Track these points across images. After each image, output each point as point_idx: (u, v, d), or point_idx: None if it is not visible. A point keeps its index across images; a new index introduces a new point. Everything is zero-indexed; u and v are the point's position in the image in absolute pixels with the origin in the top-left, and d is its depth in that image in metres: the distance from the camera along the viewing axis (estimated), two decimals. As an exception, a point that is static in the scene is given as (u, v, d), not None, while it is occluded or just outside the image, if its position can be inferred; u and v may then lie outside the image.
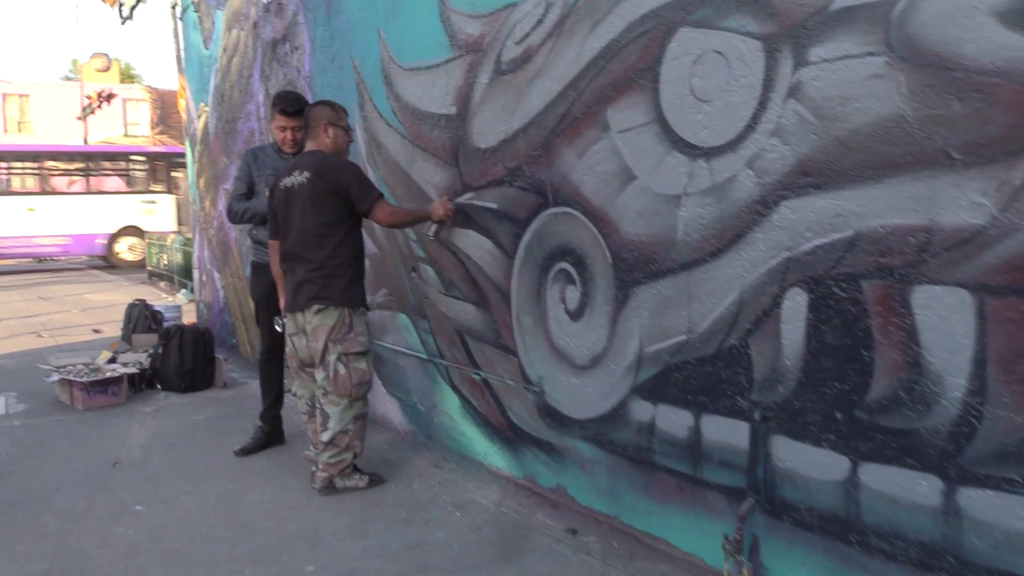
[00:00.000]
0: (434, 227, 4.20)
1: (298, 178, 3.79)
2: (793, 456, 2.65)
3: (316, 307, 3.78)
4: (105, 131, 43.36)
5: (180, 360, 6.28)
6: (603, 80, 3.23)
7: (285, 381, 4.89)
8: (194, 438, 5.05)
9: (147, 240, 18.15)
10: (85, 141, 35.84)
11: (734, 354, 2.81)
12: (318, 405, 3.88)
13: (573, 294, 3.50)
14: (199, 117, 8.69)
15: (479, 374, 4.17)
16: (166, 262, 15.87)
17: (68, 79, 53.55)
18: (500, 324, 3.98)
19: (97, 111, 35.18)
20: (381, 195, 3.84)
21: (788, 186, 2.58)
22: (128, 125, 45.50)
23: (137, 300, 8.29)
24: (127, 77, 55.07)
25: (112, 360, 6.75)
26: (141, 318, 8.07)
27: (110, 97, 33.45)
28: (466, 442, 4.39)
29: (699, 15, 2.83)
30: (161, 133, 41.90)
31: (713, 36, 2.79)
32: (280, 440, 4.83)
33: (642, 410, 3.20)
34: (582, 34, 3.32)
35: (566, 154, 3.44)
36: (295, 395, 4.08)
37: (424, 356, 4.67)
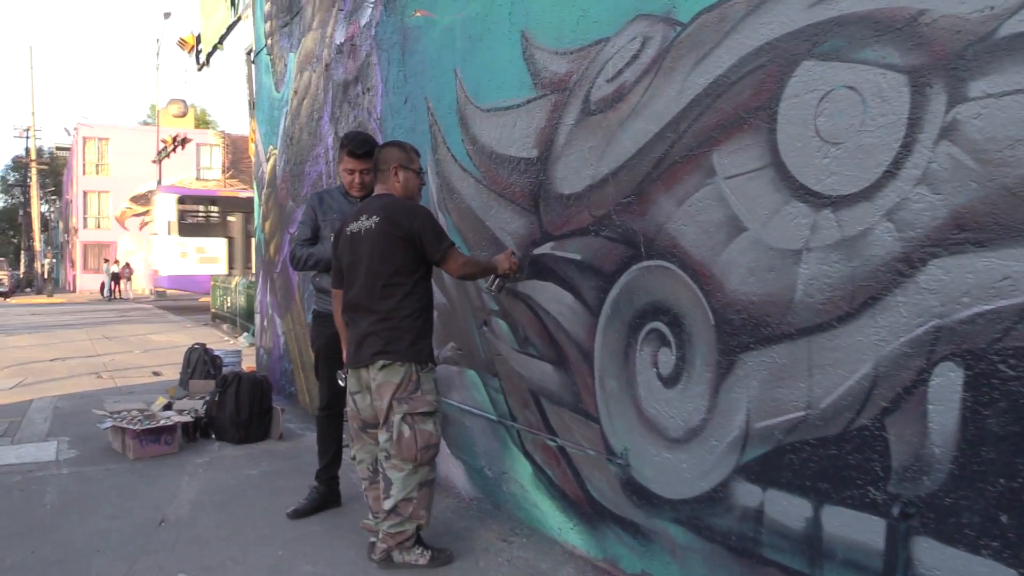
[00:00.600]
0: (497, 280, 3.87)
1: (365, 223, 3.51)
2: (943, 563, 2.21)
3: (381, 362, 3.45)
4: (178, 174, 44.51)
5: (236, 409, 6.02)
6: (708, 120, 2.90)
7: (344, 437, 4.58)
8: (246, 496, 4.75)
9: (212, 283, 18.24)
10: (159, 184, 36.71)
11: (866, 436, 2.40)
12: (380, 470, 3.53)
13: (667, 358, 3.12)
14: (267, 160, 8.58)
15: (555, 440, 3.80)
16: (229, 305, 15.87)
17: (146, 124, 55.28)
18: (580, 387, 3.61)
19: (172, 155, 36.02)
20: (453, 244, 3.55)
21: (939, 242, 2.19)
22: (201, 169, 46.66)
23: (197, 344, 8.13)
24: (202, 123, 56.70)
25: (168, 407, 6.54)
26: (200, 363, 7.89)
27: (184, 141, 34.19)
28: (539, 515, 4.01)
29: (827, 47, 2.48)
30: (232, 177, 42.80)
31: (844, 70, 2.43)
32: (336, 502, 4.50)
33: (748, 494, 2.80)
34: (684, 70, 2.99)
35: (662, 202, 3.10)
36: (355, 459, 3.73)
37: (494, 417, 4.32)
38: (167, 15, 34.46)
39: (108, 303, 32.32)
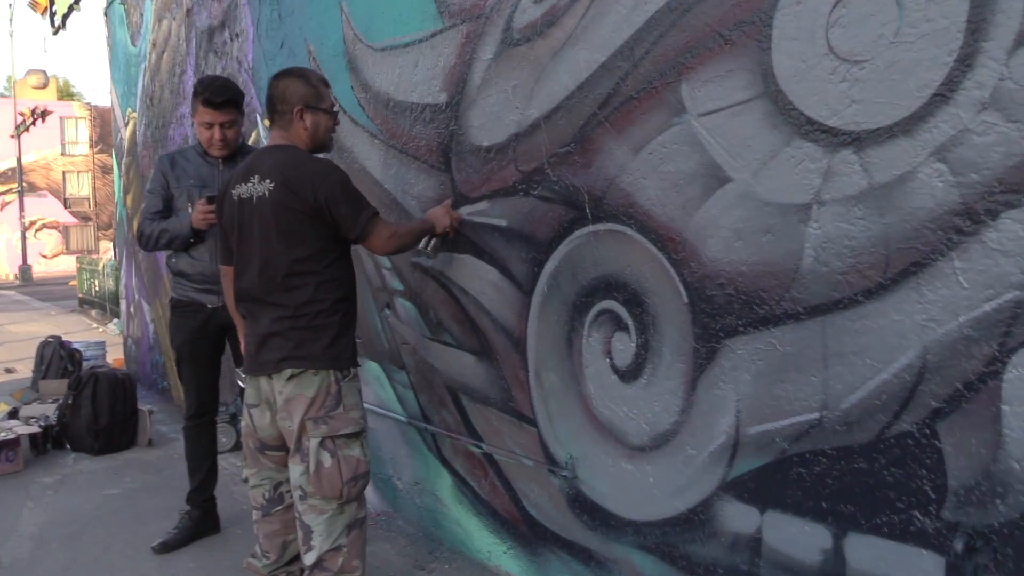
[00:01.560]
0: (433, 241, 3.17)
1: (258, 187, 2.63)
2: (1030, 618, 1.67)
3: (290, 371, 2.61)
4: (42, 150, 41.55)
5: (94, 414, 5.13)
6: (674, 41, 2.26)
7: (224, 449, 3.80)
8: (102, 524, 3.92)
9: (78, 264, 16.76)
10: (19, 160, 34.12)
11: (909, 446, 1.82)
12: (296, 515, 2.69)
13: (624, 345, 2.50)
14: (126, 125, 7.56)
15: (480, 446, 3.14)
16: (98, 288, 14.55)
17: (2, 96, 51.50)
18: (511, 381, 2.96)
19: (32, 129, 33.49)
20: (376, 213, 2.68)
21: (1017, 187, 1.62)
22: (66, 144, 43.72)
23: (51, 337, 7.10)
24: (66, 95, 53.19)
25: (12, 414, 5.59)
26: (55, 358, 6.90)
27: (44, 114, 31.82)
28: (462, 535, 3.35)
29: (842, -68, 1.87)
30: (101, 152, 40.25)
31: (869, -39, 1.83)
32: (214, 528, 3.74)
33: (740, 516, 2.21)
34: (639, -20, 2.34)
35: (613, 150, 2.46)
36: (248, 482, 2.91)
37: (402, 417, 3.63)
38: (19, -23, 31.77)
39: None
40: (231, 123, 3.50)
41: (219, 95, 3.41)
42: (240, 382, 3.04)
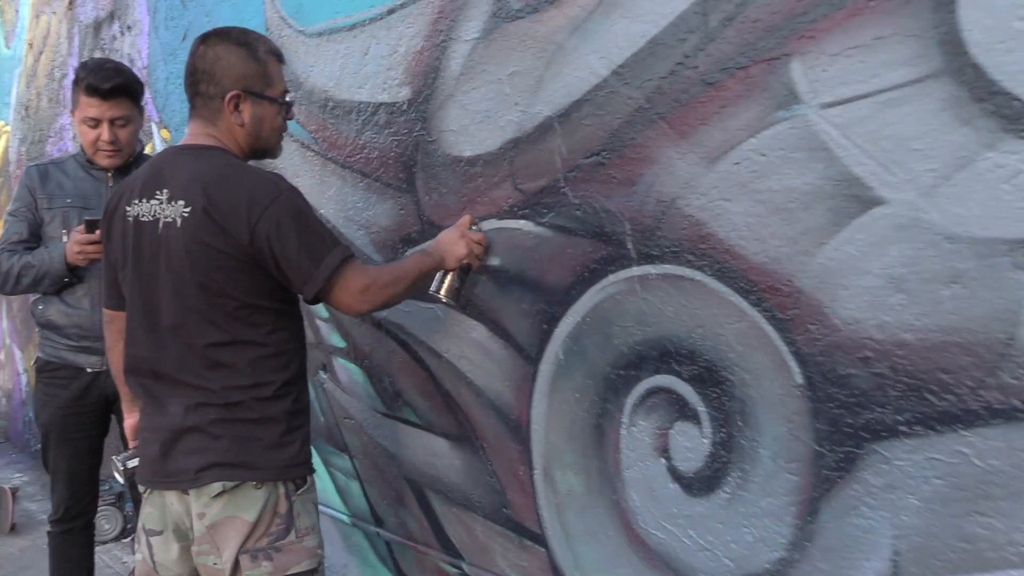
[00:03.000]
0: (447, 281, 2.09)
1: (166, 209, 1.77)
2: None
3: (219, 485, 1.74)
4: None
5: (-61, 496, 4.09)
6: (779, 2, 1.53)
7: (108, 531, 2.88)
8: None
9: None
10: None
11: None
12: None
13: (692, 441, 1.73)
14: (-3, 140, 6.49)
15: (458, 566, 2.32)
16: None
17: None
18: (504, 479, 2.15)
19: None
20: (349, 253, 1.82)
21: None
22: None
23: (-102, 391, 5.93)
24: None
25: None
26: (-97, 417, 5.73)
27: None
28: None
29: None
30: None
31: None
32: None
33: None
34: (716, -87, 1.61)
35: (673, 159, 1.70)
36: None
37: (344, 516, 2.77)
38: None
39: None
40: (124, 120, 2.62)
41: (107, 80, 2.53)
42: (118, 475, 2.15)
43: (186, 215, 1.74)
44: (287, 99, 1.93)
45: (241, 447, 1.74)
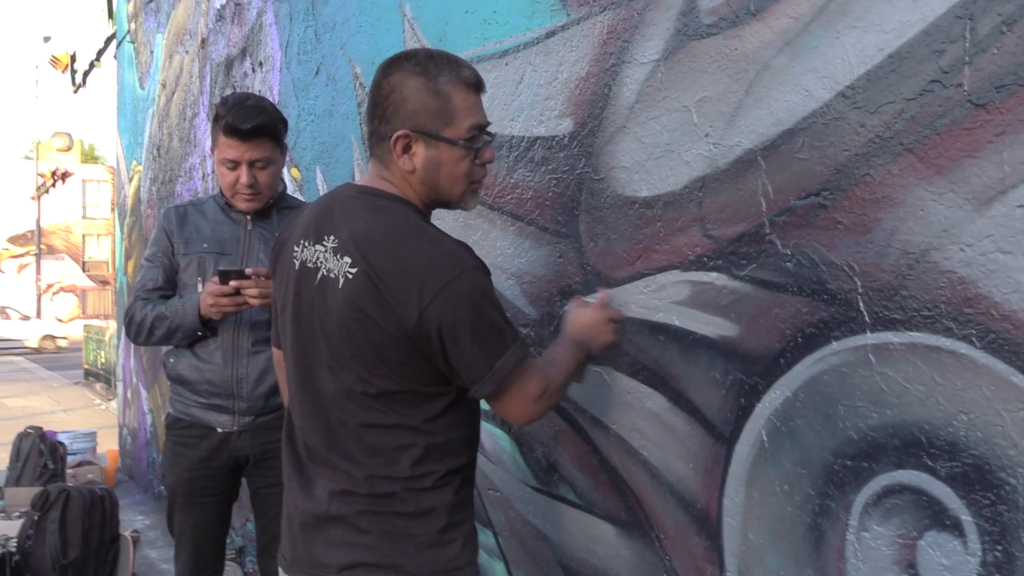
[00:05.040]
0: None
1: (331, 261, 1.54)
2: None
3: None
4: (62, 213, 41.32)
5: (61, 544, 3.99)
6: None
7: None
8: None
9: (85, 334, 15.76)
10: (37, 223, 33.65)
11: None
12: None
13: (951, 556, 1.35)
14: (130, 180, 6.57)
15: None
16: (103, 360, 13.52)
17: (28, 159, 51.60)
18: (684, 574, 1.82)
19: (52, 191, 33.09)
20: (527, 351, 1.55)
21: None
22: (87, 207, 43.53)
23: (30, 428, 5.99)
24: (90, 158, 53.33)
25: (-32, 532, 4.46)
26: (33, 454, 5.78)
27: (65, 176, 31.45)
28: None
29: None
30: (121, 215, 39.87)
31: None
32: None
33: None
34: None
35: (927, 200, 1.36)
36: None
37: (484, 597, 2.47)
38: (47, 39, 31.57)
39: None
40: (265, 162, 2.43)
41: (247, 119, 2.33)
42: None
43: (350, 276, 1.49)
44: (474, 144, 1.58)
45: (391, 545, 1.47)
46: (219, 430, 2.49)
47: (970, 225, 1.30)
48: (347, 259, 1.50)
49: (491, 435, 2.39)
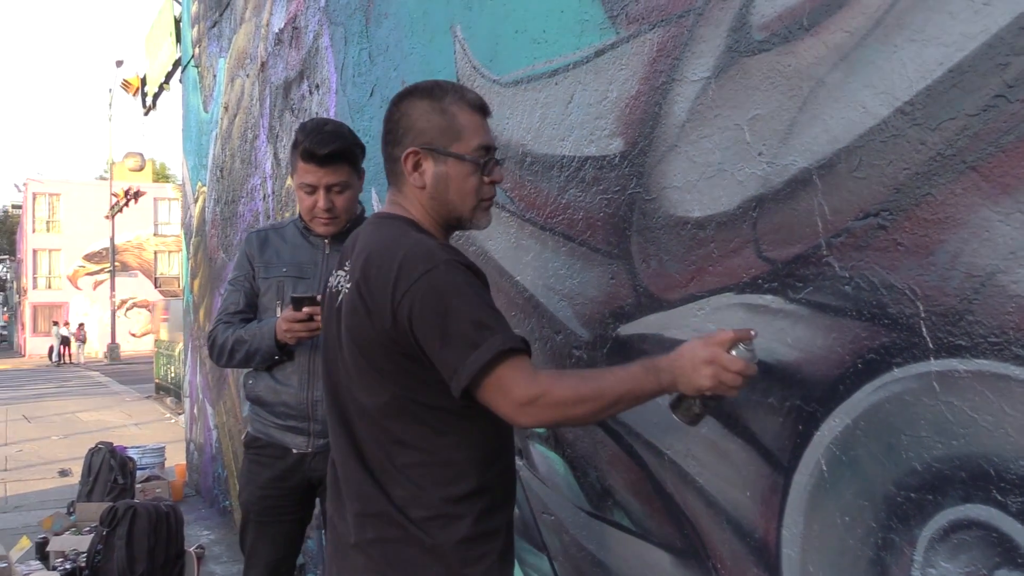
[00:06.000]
0: (683, 403, 1.56)
1: (344, 284, 1.61)
2: None
3: None
4: (135, 230, 42.55)
5: (128, 559, 4.08)
6: None
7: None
8: None
9: (155, 348, 16.15)
10: (112, 240, 34.66)
11: None
12: None
13: (1024, 597, 1.29)
14: (195, 201, 6.72)
15: None
16: (174, 375, 13.83)
17: (102, 178, 53.26)
18: (743, 610, 1.76)
19: (125, 210, 34.04)
20: (512, 345, 1.43)
21: None
22: (159, 224, 44.73)
23: (101, 444, 6.15)
24: (161, 177, 54.87)
25: (41, 546, 4.60)
26: (104, 469, 5.94)
27: (137, 195, 32.29)
28: None
29: None
30: (191, 232, 40.88)
31: None
32: None
33: None
34: None
35: (993, 221, 1.29)
36: None
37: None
38: (119, 63, 32.59)
39: (56, 368, 29.96)
40: (342, 187, 2.46)
41: (325, 144, 2.37)
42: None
43: (347, 291, 1.56)
44: (482, 158, 1.62)
45: None
46: (294, 451, 2.53)
47: (1041, 247, 1.24)
48: (349, 278, 1.58)
49: (545, 458, 2.36)
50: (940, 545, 1.39)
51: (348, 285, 1.56)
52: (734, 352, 1.47)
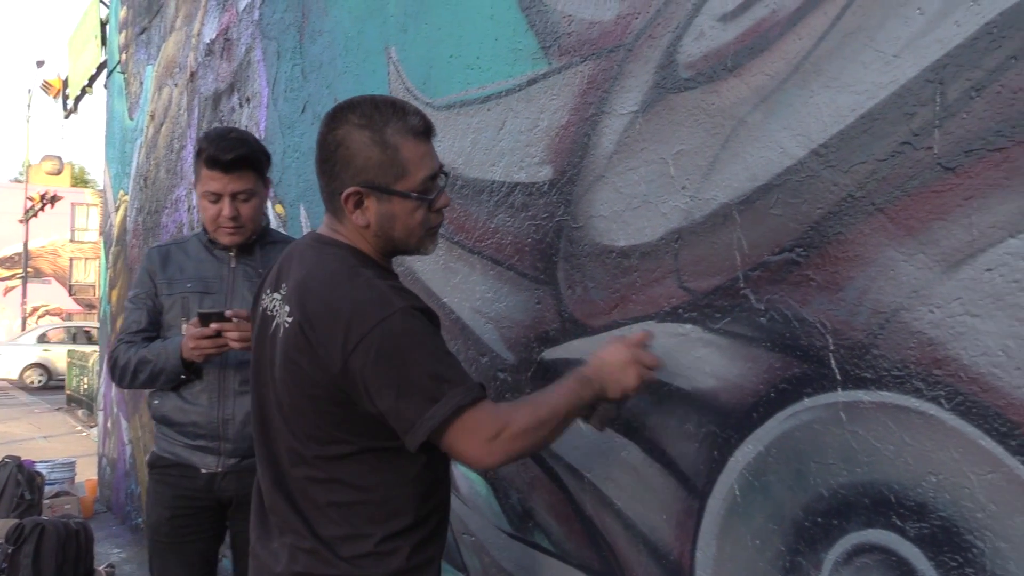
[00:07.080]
0: (599, 408, 1.64)
1: (279, 309, 1.54)
2: None
3: None
4: (50, 235, 41.15)
5: (35, 579, 3.94)
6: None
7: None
8: None
9: (68, 359, 15.64)
10: (25, 245, 33.50)
11: None
12: None
13: (919, 621, 1.35)
14: (116, 209, 6.57)
15: None
16: (86, 386, 13.40)
17: (18, 181, 51.47)
18: (657, 631, 1.80)
19: (41, 214, 32.96)
20: (473, 396, 1.41)
21: None
22: (76, 231, 43.39)
23: (8, 457, 5.93)
24: (80, 182, 53.21)
25: (-61, 564, 4.39)
26: (10, 483, 5.71)
27: (54, 199, 31.33)
28: None
29: None
30: (109, 240, 39.75)
31: None
32: None
33: None
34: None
35: (896, 260, 1.37)
36: None
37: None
38: (40, 63, 31.61)
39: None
40: (247, 194, 2.39)
41: (230, 150, 2.31)
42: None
43: (287, 325, 1.49)
44: (427, 195, 1.53)
45: None
46: (203, 471, 2.45)
47: (939, 287, 1.31)
48: (287, 308, 1.50)
49: (467, 479, 2.38)
50: (844, 568, 1.45)
51: (289, 319, 1.48)
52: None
